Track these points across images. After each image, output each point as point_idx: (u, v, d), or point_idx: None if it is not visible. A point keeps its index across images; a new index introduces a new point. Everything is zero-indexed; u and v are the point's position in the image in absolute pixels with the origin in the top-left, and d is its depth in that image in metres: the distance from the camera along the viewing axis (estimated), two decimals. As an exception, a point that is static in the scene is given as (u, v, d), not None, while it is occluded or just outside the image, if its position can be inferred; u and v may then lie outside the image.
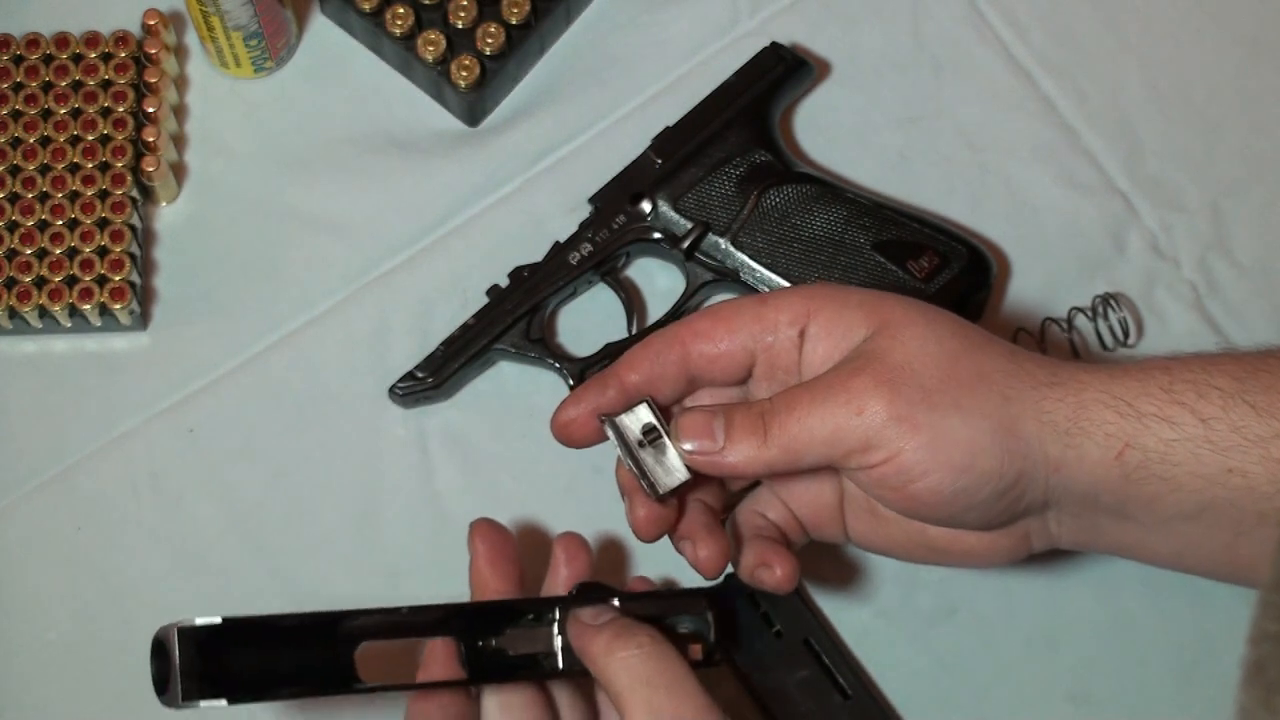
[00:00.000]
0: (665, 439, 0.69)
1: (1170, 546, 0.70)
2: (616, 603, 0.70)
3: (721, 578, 0.81)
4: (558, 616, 0.69)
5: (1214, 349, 0.70)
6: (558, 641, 0.69)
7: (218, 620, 0.65)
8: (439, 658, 0.70)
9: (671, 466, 0.69)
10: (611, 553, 0.82)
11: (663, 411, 0.71)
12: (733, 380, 0.72)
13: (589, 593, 0.71)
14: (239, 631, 0.65)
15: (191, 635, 0.64)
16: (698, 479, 0.70)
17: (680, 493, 0.70)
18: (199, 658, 0.64)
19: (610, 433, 0.70)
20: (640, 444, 0.69)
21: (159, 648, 0.65)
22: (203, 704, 0.65)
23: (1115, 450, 0.66)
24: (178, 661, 0.65)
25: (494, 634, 0.69)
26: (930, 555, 0.72)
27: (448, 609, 0.69)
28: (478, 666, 0.69)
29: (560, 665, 0.69)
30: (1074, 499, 0.68)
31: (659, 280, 0.87)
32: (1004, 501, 0.67)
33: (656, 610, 0.71)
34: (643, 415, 0.70)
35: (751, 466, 0.68)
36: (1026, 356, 0.68)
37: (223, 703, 0.65)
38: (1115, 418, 0.66)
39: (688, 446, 0.68)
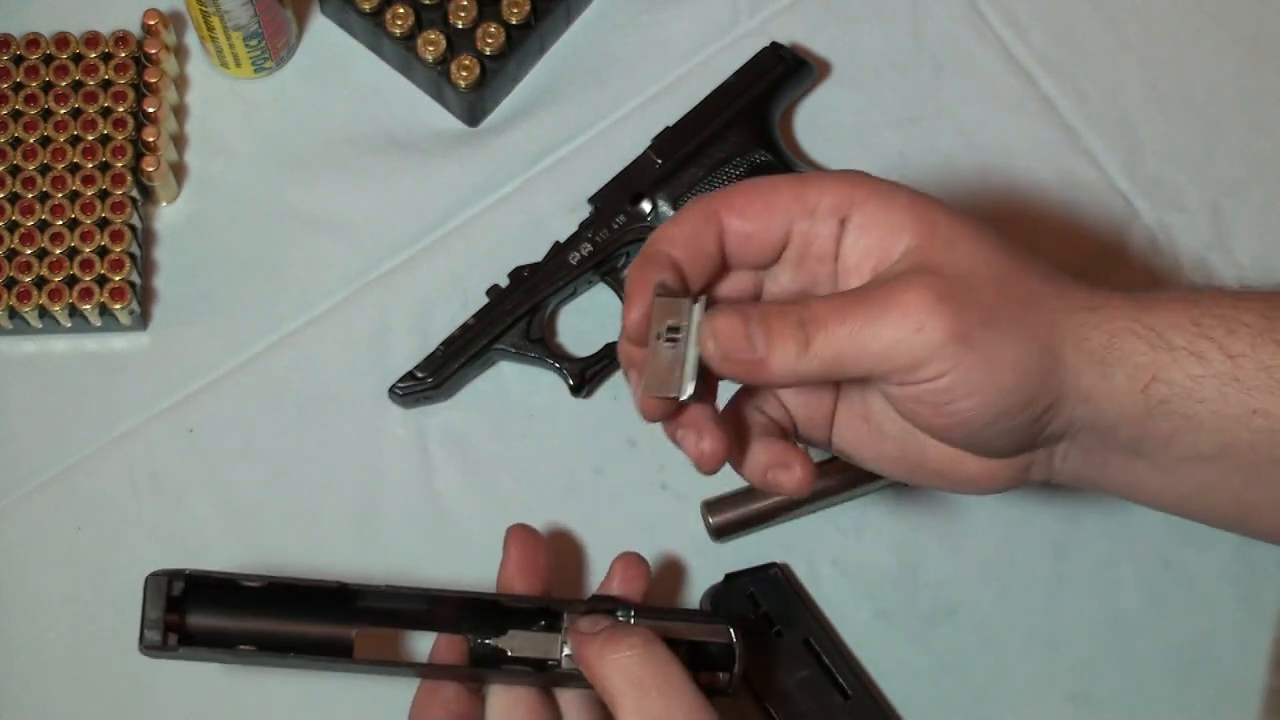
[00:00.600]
0: (683, 346, 0.63)
1: (1179, 489, 0.68)
2: (633, 614, 0.70)
3: (722, 577, 0.82)
4: (565, 624, 0.69)
5: (1237, 285, 0.68)
6: (564, 648, 0.69)
7: (187, 571, 0.67)
8: (444, 648, 0.70)
9: (678, 374, 0.63)
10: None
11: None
12: (762, 263, 0.67)
13: (601, 604, 0.71)
14: (216, 586, 0.67)
15: (164, 582, 0.66)
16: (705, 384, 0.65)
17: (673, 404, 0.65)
18: (168, 606, 0.66)
19: (656, 309, 0.63)
20: (659, 334, 0.63)
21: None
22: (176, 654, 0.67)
23: (1142, 382, 0.64)
24: (145, 608, 0.66)
25: (499, 633, 0.69)
26: (919, 475, 0.69)
27: (460, 600, 0.69)
28: (482, 660, 0.69)
29: (562, 668, 0.69)
30: (1093, 431, 0.66)
31: (659, 280, 0.87)
32: (1032, 428, 0.65)
33: (676, 631, 0.69)
34: (674, 310, 0.63)
35: (790, 378, 0.63)
36: (1066, 278, 0.66)
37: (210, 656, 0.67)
38: (1146, 348, 0.64)
39: (714, 349, 0.63)
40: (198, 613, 0.68)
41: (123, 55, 0.88)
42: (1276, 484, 0.65)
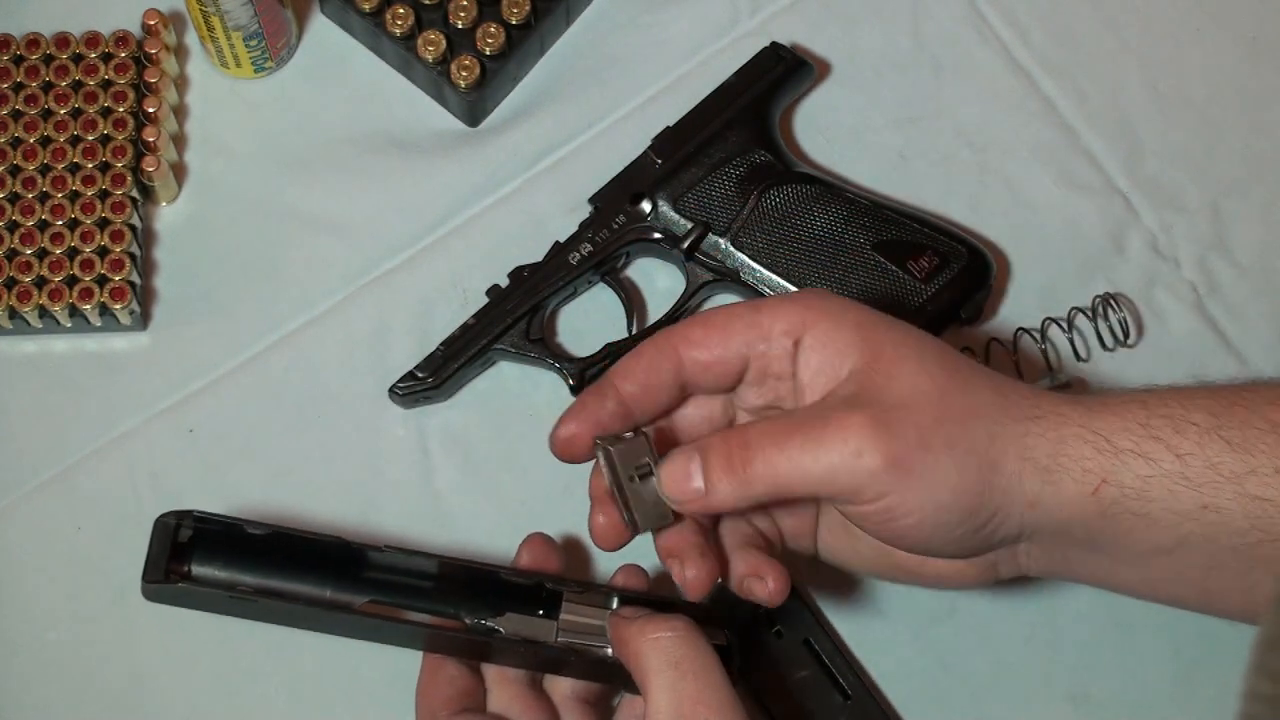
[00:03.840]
0: (654, 478, 0.69)
1: (1141, 579, 0.70)
2: (615, 603, 0.70)
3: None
4: (561, 610, 0.70)
5: (1190, 382, 0.70)
6: (558, 634, 0.70)
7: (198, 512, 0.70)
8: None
9: (657, 505, 0.69)
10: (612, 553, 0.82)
11: (656, 420, 0.71)
12: (725, 388, 0.71)
13: (597, 588, 0.72)
14: (222, 536, 0.70)
15: (171, 525, 0.69)
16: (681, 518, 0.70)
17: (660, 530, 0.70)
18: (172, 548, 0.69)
19: (602, 459, 0.69)
20: (630, 477, 0.69)
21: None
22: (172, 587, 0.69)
23: (1091, 486, 0.66)
24: (151, 548, 0.69)
25: (496, 614, 0.70)
26: (897, 574, 0.73)
27: (460, 569, 0.71)
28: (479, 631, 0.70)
29: (557, 640, 0.70)
30: (1047, 533, 0.68)
31: (659, 280, 0.87)
32: (978, 536, 0.67)
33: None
34: (639, 449, 0.69)
35: (737, 505, 0.67)
36: (1010, 387, 0.68)
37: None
38: (1093, 453, 0.66)
39: (670, 495, 0.68)
40: (202, 562, 0.69)
41: (123, 55, 0.88)
42: (1234, 571, 0.68)
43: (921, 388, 0.66)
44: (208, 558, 0.69)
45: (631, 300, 0.86)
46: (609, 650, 0.70)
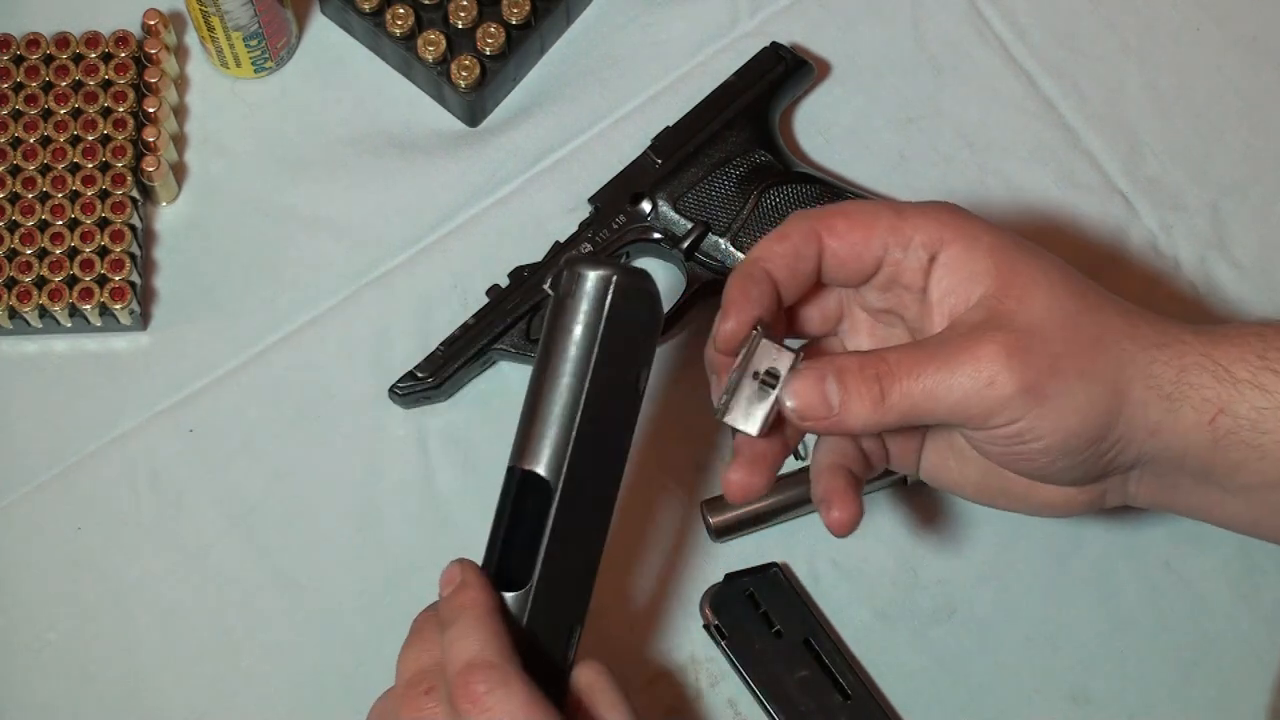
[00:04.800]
0: (773, 393, 0.67)
1: (1249, 513, 0.70)
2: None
3: (723, 576, 0.82)
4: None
5: None
6: None
7: None
8: None
9: (755, 413, 0.67)
10: (612, 553, 0.82)
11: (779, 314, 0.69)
12: (855, 284, 0.71)
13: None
14: None
15: None
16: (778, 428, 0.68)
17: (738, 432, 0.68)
18: None
19: (748, 345, 0.67)
20: (755, 374, 0.67)
21: None
22: None
23: (1209, 415, 0.67)
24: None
25: None
26: (1002, 500, 0.72)
27: None
28: None
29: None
30: (1162, 461, 0.68)
31: (659, 280, 0.87)
32: (1100, 462, 0.68)
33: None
34: (782, 359, 0.67)
35: (866, 429, 0.67)
36: (1138, 313, 0.68)
37: None
38: (1212, 382, 0.67)
39: (792, 405, 0.66)
40: None
41: (123, 55, 0.88)
42: None
43: (1053, 314, 0.66)
44: None
45: (631, 300, 0.86)
46: None
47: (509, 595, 0.67)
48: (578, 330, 0.66)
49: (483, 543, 0.83)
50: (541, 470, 0.66)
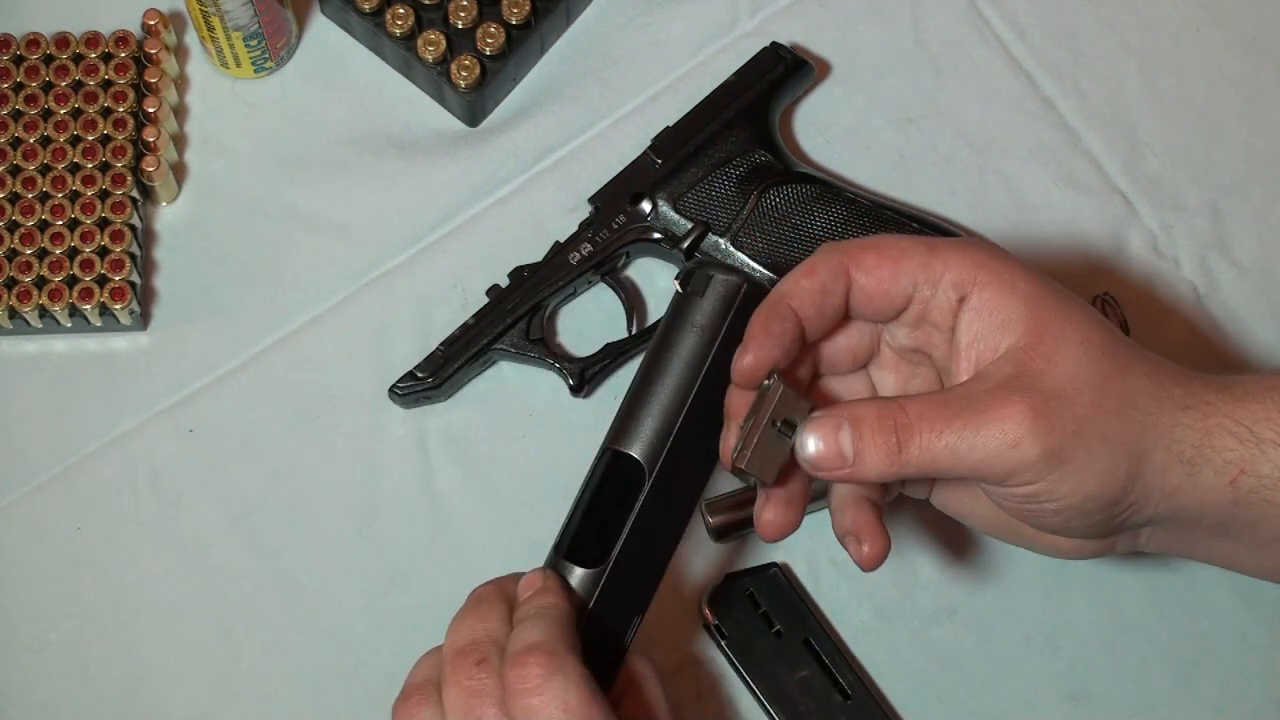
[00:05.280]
0: (789, 442, 0.66)
1: (1267, 563, 0.70)
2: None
3: (723, 576, 0.82)
4: None
5: None
6: None
7: None
8: None
9: (770, 463, 0.66)
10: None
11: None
12: (882, 320, 0.70)
13: None
14: None
15: None
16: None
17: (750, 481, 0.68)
18: None
19: (761, 390, 0.66)
20: (773, 422, 0.66)
21: None
22: None
23: (1230, 476, 0.66)
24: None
25: None
26: (1010, 538, 0.71)
27: None
28: None
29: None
30: (1179, 520, 0.68)
31: (659, 280, 0.87)
32: (1114, 522, 0.67)
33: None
34: (800, 407, 0.66)
35: (882, 479, 0.66)
36: (1166, 374, 0.67)
37: None
38: (1235, 444, 0.66)
39: (806, 455, 0.66)
40: None
41: (123, 55, 0.88)
42: None
43: (1082, 375, 0.65)
44: None
45: (631, 300, 0.86)
46: None
47: (581, 571, 0.68)
48: (701, 328, 0.68)
49: (483, 543, 0.83)
50: (637, 454, 0.68)
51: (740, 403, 0.67)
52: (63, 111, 0.87)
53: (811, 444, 0.66)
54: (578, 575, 0.68)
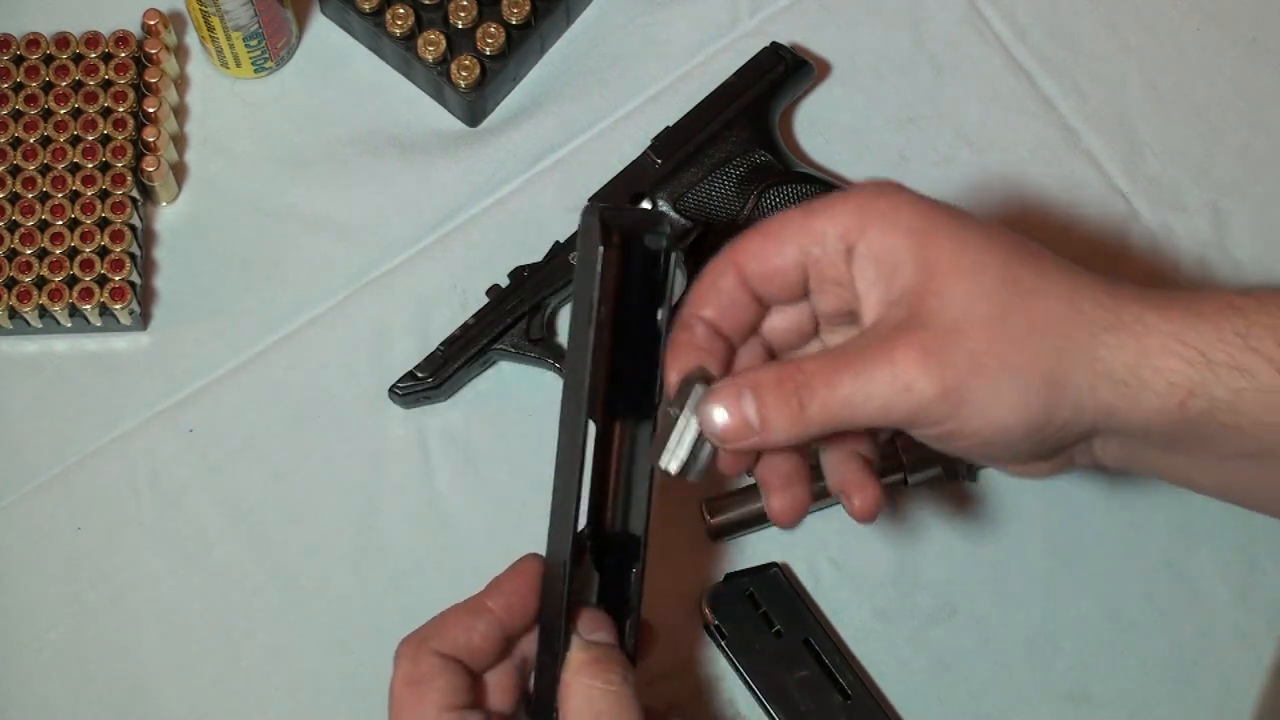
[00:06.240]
0: (691, 429, 0.65)
1: (1219, 480, 0.68)
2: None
3: (723, 576, 0.82)
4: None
5: None
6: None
7: None
8: None
9: (679, 451, 0.65)
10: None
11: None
12: (797, 296, 0.68)
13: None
14: None
15: None
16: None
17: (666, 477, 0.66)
18: None
19: (680, 386, 0.66)
20: (671, 408, 0.65)
21: None
22: None
23: (1178, 398, 0.63)
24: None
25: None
26: (978, 458, 0.70)
27: None
28: None
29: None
30: (1124, 433, 0.66)
31: (659, 280, 0.87)
32: (1046, 445, 0.65)
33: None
34: (696, 391, 0.65)
35: (792, 442, 0.65)
36: (1085, 293, 0.64)
37: None
38: (1181, 365, 0.63)
39: (712, 430, 0.64)
40: None
41: (123, 55, 0.88)
42: None
43: (977, 307, 0.63)
44: None
45: (631, 300, 0.86)
46: None
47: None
48: (578, 267, 0.66)
49: (483, 543, 0.83)
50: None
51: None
52: (63, 111, 0.87)
53: (717, 416, 0.64)
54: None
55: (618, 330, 0.67)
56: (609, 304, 0.66)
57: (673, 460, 0.65)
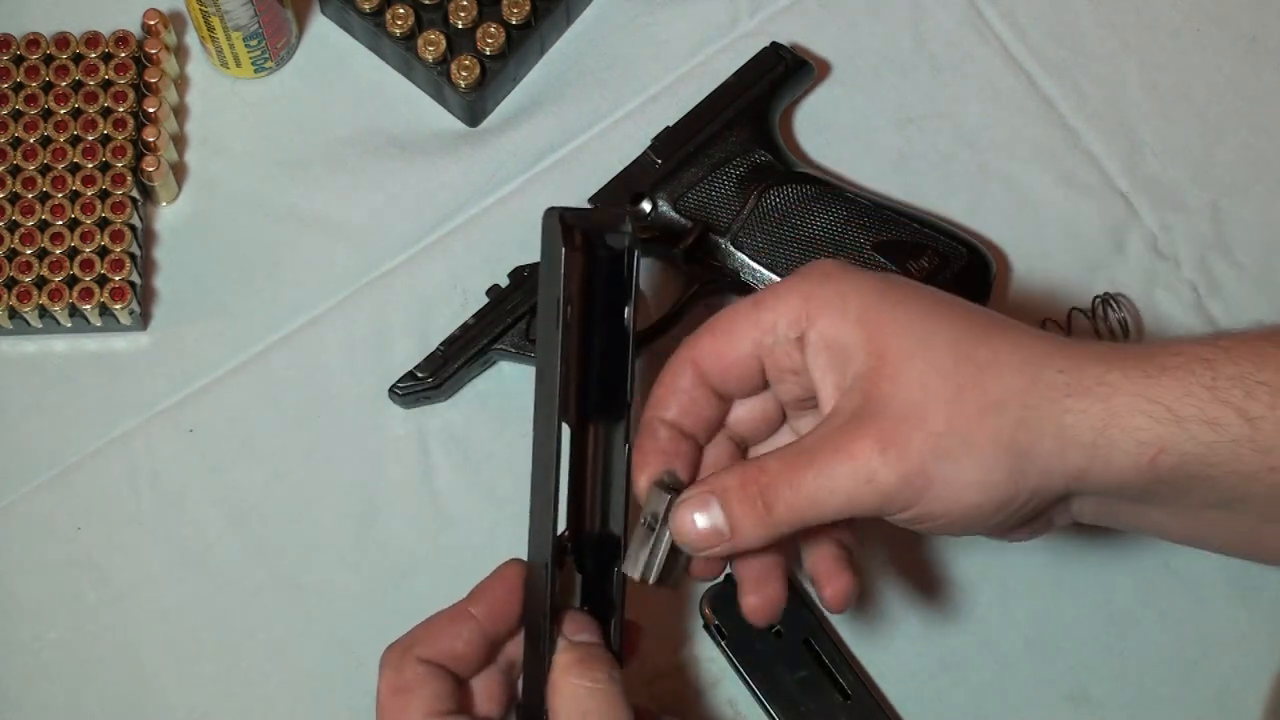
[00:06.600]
0: (653, 536, 0.66)
1: (1191, 530, 0.68)
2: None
3: (723, 576, 0.82)
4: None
5: (1253, 328, 0.65)
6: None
7: None
8: None
9: (650, 560, 0.67)
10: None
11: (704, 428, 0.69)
12: (755, 388, 0.69)
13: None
14: None
15: None
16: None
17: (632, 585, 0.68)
18: None
19: (650, 495, 0.67)
20: (643, 522, 0.67)
21: None
22: None
23: (1148, 456, 0.62)
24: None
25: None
26: (948, 533, 0.70)
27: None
28: None
29: None
30: (1097, 494, 0.66)
31: (659, 280, 0.87)
32: (1019, 514, 0.65)
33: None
34: (661, 499, 0.66)
35: (762, 544, 0.65)
36: (1042, 362, 0.64)
37: None
38: (1149, 423, 0.62)
39: (684, 542, 0.65)
40: None
41: (123, 55, 0.88)
42: None
43: (932, 388, 0.63)
44: None
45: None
46: None
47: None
48: (542, 271, 0.66)
49: (483, 543, 0.83)
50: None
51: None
52: (63, 111, 0.87)
53: (687, 525, 0.65)
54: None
55: (586, 332, 0.67)
56: (576, 306, 0.66)
57: (649, 571, 0.67)
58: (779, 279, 0.83)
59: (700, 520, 0.65)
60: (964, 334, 0.64)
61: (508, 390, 0.86)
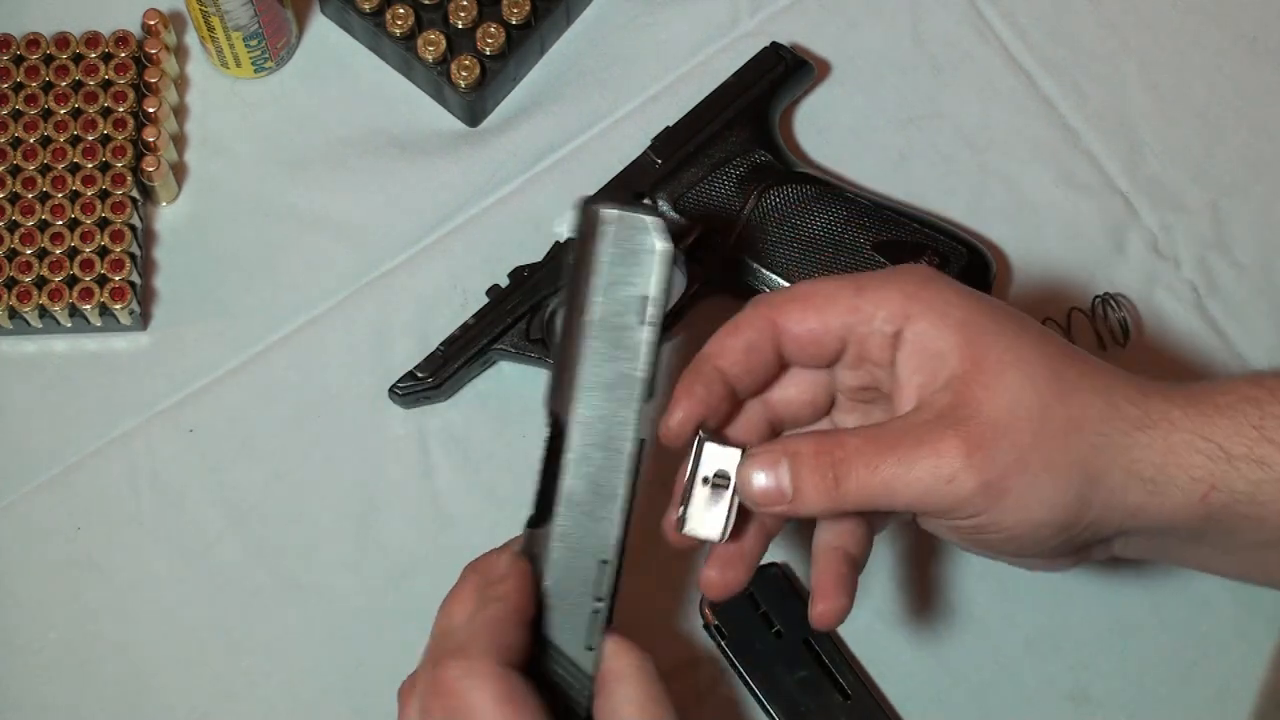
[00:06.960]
0: (728, 493, 0.66)
1: (1240, 567, 0.70)
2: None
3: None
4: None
5: None
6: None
7: None
8: None
9: (714, 518, 0.67)
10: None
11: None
12: (822, 365, 0.69)
13: None
14: None
15: None
16: (736, 537, 0.68)
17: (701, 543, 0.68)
18: None
19: (692, 451, 0.66)
20: (705, 479, 0.66)
21: None
22: None
23: (1200, 493, 0.64)
24: None
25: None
26: (990, 555, 0.70)
27: None
28: None
29: None
30: (1149, 531, 0.67)
31: (659, 280, 0.87)
32: (1074, 543, 0.66)
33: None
34: (729, 460, 0.66)
35: (823, 515, 0.66)
36: (1120, 391, 0.65)
37: None
38: (1204, 461, 0.64)
39: (750, 491, 0.65)
40: None
41: (123, 55, 0.88)
42: None
43: (1023, 402, 0.64)
44: None
45: (631, 300, 0.86)
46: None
47: (535, 531, 0.67)
48: (572, 266, 0.65)
49: (483, 543, 0.83)
50: (556, 406, 0.66)
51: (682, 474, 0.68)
52: (63, 111, 0.87)
53: (755, 479, 0.65)
54: (534, 535, 0.67)
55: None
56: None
57: (713, 529, 0.67)
58: (779, 279, 0.83)
59: (766, 478, 0.65)
60: (1053, 353, 0.66)
61: (508, 390, 0.86)
